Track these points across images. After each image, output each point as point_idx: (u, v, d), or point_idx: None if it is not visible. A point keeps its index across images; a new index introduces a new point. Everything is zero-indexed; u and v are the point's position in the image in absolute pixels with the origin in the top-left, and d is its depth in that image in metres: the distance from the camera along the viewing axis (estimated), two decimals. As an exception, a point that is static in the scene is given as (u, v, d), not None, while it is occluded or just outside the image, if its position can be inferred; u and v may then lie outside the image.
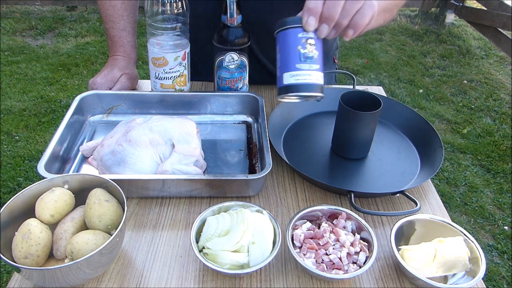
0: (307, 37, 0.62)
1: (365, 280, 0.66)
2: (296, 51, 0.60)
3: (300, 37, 0.60)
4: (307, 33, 0.62)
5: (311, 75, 0.60)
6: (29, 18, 3.97)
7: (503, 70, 3.51)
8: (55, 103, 2.78)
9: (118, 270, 0.65)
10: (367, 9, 0.63)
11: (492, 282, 1.76)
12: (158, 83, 0.97)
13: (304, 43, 0.61)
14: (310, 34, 0.62)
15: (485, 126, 2.74)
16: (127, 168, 0.77)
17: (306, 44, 0.60)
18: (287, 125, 0.99)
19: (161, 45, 0.92)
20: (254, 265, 0.61)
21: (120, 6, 1.03)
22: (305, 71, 0.60)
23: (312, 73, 0.60)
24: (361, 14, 0.63)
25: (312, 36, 0.62)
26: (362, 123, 0.86)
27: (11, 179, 2.16)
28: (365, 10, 0.63)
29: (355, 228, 0.69)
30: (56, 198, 0.64)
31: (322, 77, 0.62)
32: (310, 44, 0.61)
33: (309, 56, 0.60)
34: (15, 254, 0.59)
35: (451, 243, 0.65)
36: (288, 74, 0.60)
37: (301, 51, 0.60)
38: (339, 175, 0.88)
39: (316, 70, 0.61)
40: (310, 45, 0.61)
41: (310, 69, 0.60)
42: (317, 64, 0.61)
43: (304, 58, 0.60)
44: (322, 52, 0.64)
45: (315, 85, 0.61)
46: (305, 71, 0.60)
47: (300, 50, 0.60)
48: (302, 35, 0.61)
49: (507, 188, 2.24)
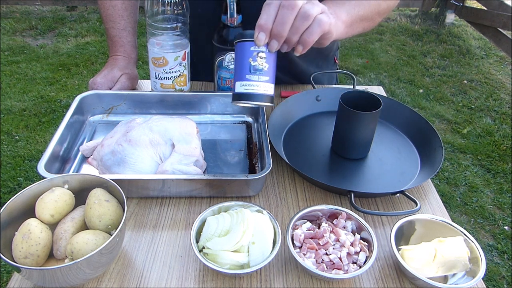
0: (258, 50, 0.67)
1: (365, 280, 0.66)
2: (247, 63, 0.65)
3: (252, 50, 0.65)
4: (259, 47, 0.67)
5: (259, 86, 0.65)
6: (29, 18, 3.97)
7: (503, 70, 3.51)
8: (55, 103, 2.78)
9: (118, 270, 0.65)
10: (315, 27, 0.66)
11: (492, 282, 1.76)
12: (158, 83, 0.97)
13: (255, 56, 0.65)
14: (261, 48, 0.67)
15: (485, 126, 2.74)
16: (127, 168, 0.77)
17: (256, 57, 0.65)
18: (287, 125, 0.99)
19: (161, 45, 0.92)
20: (254, 265, 0.61)
21: (120, 6, 1.03)
22: (253, 82, 0.65)
23: (261, 84, 0.65)
24: (309, 32, 0.66)
25: (263, 50, 0.67)
26: (362, 123, 0.86)
27: (11, 179, 2.16)
28: (313, 28, 0.66)
29: (355, 228, 0.69)
30: (56, 198, 0.64)
31: (271, 87, 0.67)
32: (260, 57, 0.65)
33: (259, 68, 0.65)
34: (15, 254, 0.59)
35: (451, 243, 0.65)
36: (239, 83, 0.66)
37: (251, 63, 0.65)
38: (339, 175, 0.88)
39: (265, 82, 0.66)
40: (261, 58, 0.66)
41: (259, 80, 0.65)
42: (266, 76, 0.66)
43: (253, 70, 0.65)
44: (273, 65, 0.68)
45: (262, 95, 0.66)
46: (254, 82, 0.65)
47: (250, 62, 0.65)
48: (254, 49, 0.66)
49: (507, 188, 2.24)
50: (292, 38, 0.67)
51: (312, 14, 0.66)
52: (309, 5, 0.66)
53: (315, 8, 0.67)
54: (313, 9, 0.66)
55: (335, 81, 1.25)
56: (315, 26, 0.66)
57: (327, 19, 0.68)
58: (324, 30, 0.68)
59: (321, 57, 1.17)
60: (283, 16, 0.65)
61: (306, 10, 0.65)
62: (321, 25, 0.67)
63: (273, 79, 0.69)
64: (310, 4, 0.67)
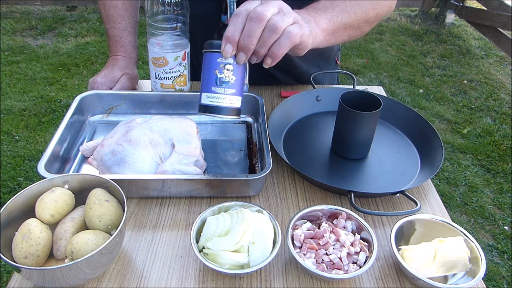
0: (225, 62, 0.64)
1: (365, 280, 0.66)
2: (213, 74, 0.63)
3: (219, 62, 0.62)
4: (226, 59, 0.64)
5: (225, 98, 0.63)
6: (29, 18, 3.97)
7: (503, 70, 3.51)
8: (55, 103, 2.78)
9: (118, 270, 0.65)
10: (284, 40, 0.63)
11: (492, 282, 1.76)
12: (158, 83, 0.97)
13: (221, 68, 0.63)
14: (229, 59, 0.64)
15: (485, 126, 2.74)
16: (127, 168, 0.77)
17: (223, 69, 0.63)
18: (287, 125, 0.99)
19: (161, 45, 0.92)
20: (254, 265, 0.61)
21: (121, 6, 1.03)
22: (219, 95, 0.63)
23: (226, 97, 0.63)
24: (278, 45, 0.64)
25: (230, 61, 0.64)
26: (362, 123, 0.86)
27: (11, 179, 2.16)
28: (282, 41, 0.63)
29: (355, 228, 0.69)
30: (56, 198, 0.64)
31: (238, 100, 0.65)
32: (227, 69, 0.63)
33: (225, 80, 0.63)
34: (15, 254, 0.59)
35: (451, 243, 0.65)
36: (205, 94, 0.64)
37: (217, 75, 0.62)
38: (339, 175, 0.88)
39: (231, 94, 0.63)
40: (228, 70, 0.63)
41: (225, 93, 0.63)
42: (232, 89, 0.63)
43: (219, 82, 0.62)
44: (241, 77, 0.66)
45: (227, 108, 0.64)
46: (219, 95, 0.63)
47: (217, 74, 0.62)
48: (220, 60, 0.63)
49: (507, 188, 2.24)
50: (260, 50, 0.64)
51: (280, 26, 0.62)
52: (278, 16, 0.63)
53: (285, 20, 0.63)
54: (283, 21, 0.63)
55: (336, 82, 1.25)
56: (284, 39, 0.63)
57: (297, 31, 0.64)
58: (294, 43, 0.65)
59: (322, 58, 1.17)
60: (250, 29, 0.62)
61: (275, 23, 0.62)
62: (291, 37, 0.64)
63: (241, 91, 0.66)
64: (280, 16, 0.63)
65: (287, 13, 0.64)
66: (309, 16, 0.72)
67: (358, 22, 0.81)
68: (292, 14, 0.65)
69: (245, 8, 0.62)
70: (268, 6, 0.62)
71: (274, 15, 0.62)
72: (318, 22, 0.73)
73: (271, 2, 0.63)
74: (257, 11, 0.61)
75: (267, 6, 0.62)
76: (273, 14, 0.63)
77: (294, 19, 0.65)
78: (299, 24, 0.66)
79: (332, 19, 0.76)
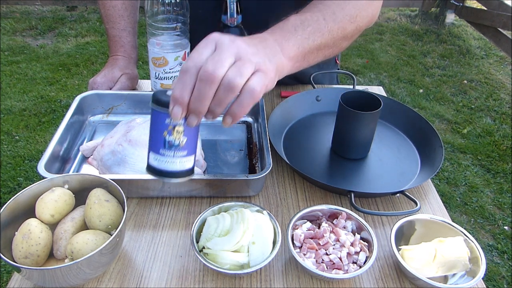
0: (174, 124, 0.55)
1: (365, 280, 0.66)
2: (162, 136, 0.55)
3: (167, 123, 0.54)
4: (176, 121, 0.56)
5: (175, 162, 0.56)
6: (29, 18, 3.97)
7: (503, 70, 3.51)
8: (55, 103, 2.78)
9: (118, 270, 0.65)
10: (245, 98, 0.53)
11: (492, 282, 1.76)
12: (158, 83, 0.97)
13: (170, 130, 0.55)
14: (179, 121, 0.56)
15: (485, 126, 2.74)
16: (127, 168, 0.77)
17: (173, 131, 0.55)
18: (287, 125, 0.99)
19: (161, 45, 0.92)
20: (254, 265, 0.61)
21: (120, 7, 1.03)
22: (168, 158, 0.56)
23: (176, 160, 0.56)
24: (239, 104, 0.53)
25: (181, 123, 0.55)
26: (362, 123, 0.86)
27: (11, 179, 2.16)
28: (243, 99, 0.53)
29: (355, 228, 0.69)
30: (56, 198, 0.64)
31: (190, 161, 0.58)
32: (177, 131, 0.55)
33: (175, 144, 0.56)
34: (15, 254, 0.59)
35: (451, 243, 0.65)
36: (153, 155, 0.57)
37: (166, 138, 0.55)
38: (339, 175, 0.88)
39: (182, 157, 0.57)
40: (178, 132, 0.55)
41: (175, 156, 0.56)
42: (183, 151, 0.56)
43: (169, 145, 0.55)
44: (193, 136, 0.58)
45: (177, 172, 0.57)
46: (169, 158, 0.56)
47: (165, 136, 0.55)
48: (169, 121, 0.54)
49: (507, 188, 2.24)
50: (216, 110, 0.53)
51: (239, 84, 0.51)
52: (235, 70, 0.51)
53: (244, 73, 0.52)
54: (241, 76, 0.51)
55: (336, 82, 1.25)
56: (245, 97, 0.52)
57: (261, 85, 0.53)
58: (258, 99, 0.54)
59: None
60: (200, 91, 0.51)
61: (231, 80, 0.51)
62: (254, 95, 0.52)
63: (194, 150, 0.59)
64: (237, 69, 0.51)
65: (246, 60, 0.53)
66: (276, 44, 0.61)
67: (334, 40, 0.71)
68: (254, 59, 0.53)
69: (194, 62, 0.51)
70: (221, 57, 0.51)
71: (230, 69, 0.51)
72: (285, 50, 0.62)
73: (226, 49, 0.52)
74: (208, 69, 0.50)
75: (220, 57, 0.51)
76: (229, 67, 0.51)
77: (255, 66, 0.54)
78: (262, 72, 0.54)
79: (303, 43, 0.65)
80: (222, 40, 0.53)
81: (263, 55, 0.56)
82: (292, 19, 0.67)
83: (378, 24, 4.19)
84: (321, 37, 0.68)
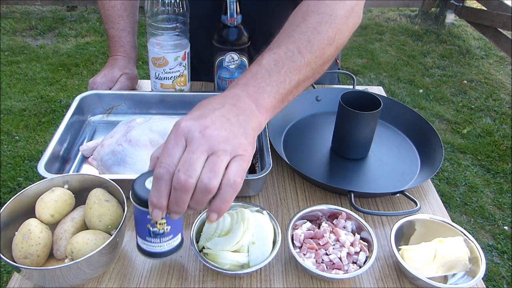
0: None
1: (365, 280, 0.66)
2: (146, 228, 0.56)
3: (149, 218, 0.53)
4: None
5: (162, 245, 0.58)
6: (29, 18, 3.97)
7: (503, 70, 3.51)
8: (55, 103, 2.78)
9: (118, 270, 0.65)
10: (227, 192, 0.50)
11: (492, 282, 1.76)
12: (158, 83, 0.97)
13: (153, 223, 0.55)
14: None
15: (485, 126, 2.74)
16: (127, 168, 0.77)
17: (156, 224, 0.56)
18: (287, 125, 0.99)
19: (161, 45, 0.92)
20: (254, 265, 0.61)
21: (120, 7, 1.03)
22: (155, 244, 0.58)
23: (163, 244, 0.58)
24: (221, 199, 0.51)
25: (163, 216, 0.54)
26: (362, 123, 0.86)
27: (11, 179, 2.16)
28: (225, 194, 0.50)
29: (355, 228, 0.69)
30: (56, 198, 0.64)
31: (177, 239, 0.60)
32: (160, 223, 0.56)
33: (159, 233, 0.57)
34: (15, 254, 0.59)
35: (451, 243, 0.65)
36: (140, 240, 0.58)
37: (150, 229, 0.56)
38: (339, 175, 0.88)
39: (168, 240, 0.58)
40: (161, 224, 0.56)
41: (161, 242, 0.58)
42: (169, 236, 0.58)
43: (154, 235, 0.57)
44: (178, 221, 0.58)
45: (166, 252, 0.59)
46: (155, 244, 0.58)
47: (149, 228, 0.56)
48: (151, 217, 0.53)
49: (507, 188, 2.24)
50: (197, 208, 0.51)
51: (215, 186, 0.49)
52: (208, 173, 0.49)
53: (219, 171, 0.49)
54: (216, 177, 0.49)
55: (336, 82, 1.25)
56: (226, 192, 0.50)
57: (240, 171, 0.51)
58: (240, 188, 0.51)
59: None
60: (177, 198, 0.49)
61: (206, 185, 0.48)
62: (235, 187, 0.50)
63: (179, 229, 0.60)
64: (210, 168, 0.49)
65: (221, 153, 0.50)
66: (250, 102, 0.57)
67: (313, 71, 0.66)
68: (227, 147, 0.50)
69: (166, 168, 0.49)
70: (192, 160, 0.48)
71: (203, 171, 0.49)
72: (261, 106, 0.58)
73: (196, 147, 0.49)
74: (180, 180, 0.48)
75: (191, 160, 0.48)
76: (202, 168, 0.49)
77: (231, 154, 0.51)
78: (239, 157, 0.51)
79: (279, 89, 0.60)
80: (192, 134, 0.50)
81: (237, 131, 0.52)
82: (265, 61, 0.61)
83: (378, 24, 4.19)
84: (299, 73, 0.63)
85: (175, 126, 0.51)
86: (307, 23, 0.66)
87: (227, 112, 0.54)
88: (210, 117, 0.52)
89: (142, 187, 0.53)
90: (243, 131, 0.53)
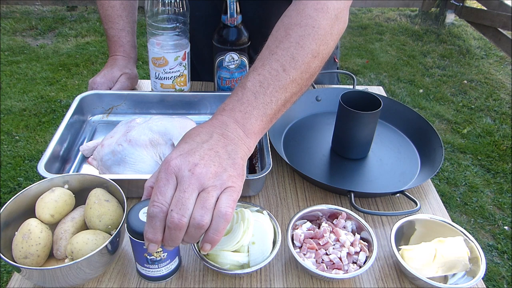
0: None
1: (365, 280, 0.66)
2: (143, 257, 0.59)
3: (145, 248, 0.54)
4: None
5: (160, 270, 0.62)
6: (29, 18, 3.97)
7: (503, 70, 3.51)
8: (55, 103, 2.78)
9: (118, 270, 0.65)
10: (219, 223, 0.51)
11: (492, 282, 1.76)
12: (158, 83, 0.97)
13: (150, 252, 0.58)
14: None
15: (485, 126, 2.74)
16: (127, 168, 0.77)
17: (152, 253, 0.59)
18: (287, 125, 0.99)
19: (161, 45, 0.92)
20: (254, 265, 0.61)
21: (119, 7, 1.03)
22: (153, 269, 0.61)
23: (162, 268, 0.61)
24: (214, 231, 0.52)
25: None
26: (362, 123, 0.86)
27: (11, 179, 2.16)
28: (218, 225, 0.51)
29: (355, 228, 0.69)
30: (56, 198, 0.64)
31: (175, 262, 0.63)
32: (157, 252, 0.59)
33: (157, 260, 0.60)
34: (15, 254, 0.59)
35: (451, 243, 0.65)
36: (139, 266, 0.62)
37: (148, 257, 0.59)
38: (339, 175, 0.88)
39: (166, 265, 0.61)
40: (157, 252, 0.59)
41: (159, 267, 0.61)
42: (166, 261, 0.61)
43: (151, 262, 0.60)
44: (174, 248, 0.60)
45: (165, 275, 0.63)
46: (154, 269, 0.61)
47: (146, 256, 0.59)
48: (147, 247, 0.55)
49: (507, 188, 2.24)
50: (191, 241, 0.53)
51: (207, 222, 0.51)
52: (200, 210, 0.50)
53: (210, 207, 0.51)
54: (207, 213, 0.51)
55: (336, 82, 1.25)
56: (219, 223, 0.51)
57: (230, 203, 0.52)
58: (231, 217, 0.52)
59: None
60: (171, 235, 0.51)
61: (199, 222, 0.50)
62: (226, 218, 0.51)
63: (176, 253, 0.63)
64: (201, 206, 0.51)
65: (210, 189, 0.51)
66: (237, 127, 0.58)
67: (300, 86, 0.65)
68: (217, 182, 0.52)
69: (160, 207, 0.51)
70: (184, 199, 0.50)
71: (195, 209, 0.51)
72: (248, 131, 0.59)
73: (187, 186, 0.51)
74: (174, 220, 0.50)
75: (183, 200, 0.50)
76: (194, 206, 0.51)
77: (221, 188, 0.52)
78: (229, 189, 0.53)
79: (266, 111, 0.60)
80: (182, 173, 0.51)
81: (226, 164, 0.54)
82: (250, 84, 0.61)
83: (378, 24, 4.19)
84: (285, 92, 0.62)
85: (165, 164, 0.53)
86: (290, 38, 0.65)
87: (215, 144, 0.55)
88: (198, 152, 0.53)
89: (136, 219, 0.56)
90: (232, 163, 0.54)
